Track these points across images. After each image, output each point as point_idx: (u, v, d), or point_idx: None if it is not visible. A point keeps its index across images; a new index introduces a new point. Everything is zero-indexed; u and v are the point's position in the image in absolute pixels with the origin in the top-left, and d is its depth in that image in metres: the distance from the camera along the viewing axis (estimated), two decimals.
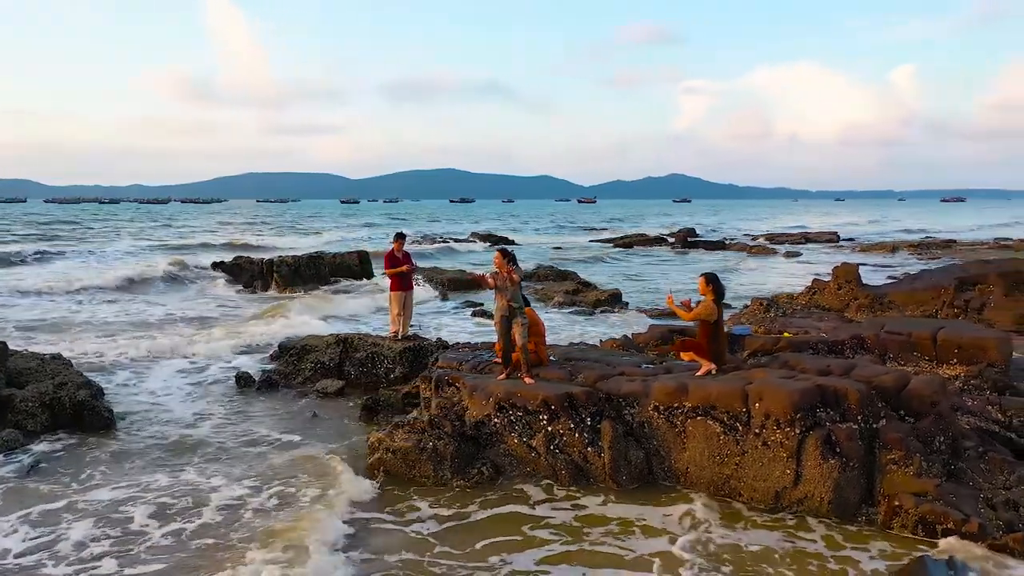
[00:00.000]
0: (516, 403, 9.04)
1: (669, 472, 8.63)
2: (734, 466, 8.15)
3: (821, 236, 57.43)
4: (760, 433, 7.95)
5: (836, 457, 7.63)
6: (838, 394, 7.80)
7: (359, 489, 8.46)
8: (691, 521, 7.64)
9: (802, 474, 7.77)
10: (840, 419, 7.76)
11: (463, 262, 37.51)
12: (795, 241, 54.68)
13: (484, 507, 8.11)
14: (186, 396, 12.59)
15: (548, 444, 8.82)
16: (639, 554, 6.98)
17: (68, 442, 10.24)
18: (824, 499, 7.69)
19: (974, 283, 17.40)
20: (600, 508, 8.02)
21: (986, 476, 7.79)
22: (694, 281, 10.43)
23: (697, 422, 8.34)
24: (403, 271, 13.08)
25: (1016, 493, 7.55)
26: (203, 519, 7.72)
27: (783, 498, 7.93)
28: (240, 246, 46.10)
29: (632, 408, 8.81)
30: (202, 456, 9.69)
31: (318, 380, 13.36)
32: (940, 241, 49.64)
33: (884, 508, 7.53)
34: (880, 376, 8.19)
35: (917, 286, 18.09)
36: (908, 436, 7.66)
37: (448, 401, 9.78)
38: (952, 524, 7.09)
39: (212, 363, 14.79)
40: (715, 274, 9.19)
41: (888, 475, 7.58)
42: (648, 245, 50.59)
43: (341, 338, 13.83)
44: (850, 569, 6.73)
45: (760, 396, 7.94)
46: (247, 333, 17.48)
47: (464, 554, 7.04)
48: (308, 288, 26.64)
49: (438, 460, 8.97)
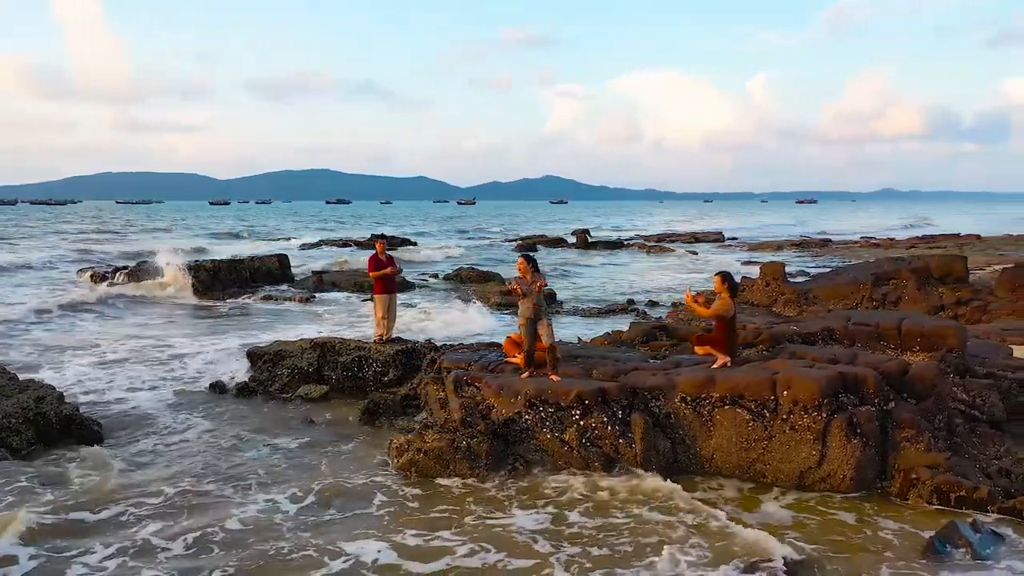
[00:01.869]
0: (547, 399, 9.37)
1: (694, 459, 9.20)
2: (760, 450, 8.80)
3: (708, 236, 60.51)
4: (788, 418, 8.64)
5: (858, 437, 8.41)
6: (857, 380, 8.60)
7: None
8: (726, 497, 8.30)
9: (827, 454, 8.51)
10: (860, 403, 8.56)
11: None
12: (685, 240, 57.36)
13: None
14: (168, 407, 12.13)
15: (580, 438, 9.20)
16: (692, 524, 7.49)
17: (71, 457, 9.71)
18: (847, 476, 8.46)
19: (888, 279, 19.09)
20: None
21: (979, 448, 8.80)
22: (615, 280, 11.06)
23: (725, 411, 8.94)
24: (387, 274, 13.09)
25: (1006, 462, 8.58)
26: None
27: (807, 477, 8.65)
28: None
29: (658, 400, 9.32)
30: (242, 468, 9.44)
31: (297, 386, 13.18)
32: (818, 240, 53.46)
33: (899, 481, 8.37)
34: (885, 363, 9.08)
35: (838, 281, 19.65)
36: (917, 416, 8.55)
37: (471, 401, 9.97)
38: (964, 492, 7.99)
39: (188, 368, 14.37)
40: (730, 273, 9.86)
41: (902, 451, 8.44)
42: (551, 246, 51.71)
43: (318, 343, 13.66)
44: (880, 534, 7.48)
45: (788, 384, 8.63)
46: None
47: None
48: (229, 294, 25.79)
49: (473, 457, 9.18)
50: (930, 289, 18.18)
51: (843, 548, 7.20)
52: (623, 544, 7.30)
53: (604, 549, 7.20)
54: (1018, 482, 8.24)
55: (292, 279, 28.88)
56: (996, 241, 46.67)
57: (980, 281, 20.61)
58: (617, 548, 7.22)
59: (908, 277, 18.60)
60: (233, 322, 20.57)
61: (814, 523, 7.80)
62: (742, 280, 21.50)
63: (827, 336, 11.98)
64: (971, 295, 17.82)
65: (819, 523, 7.80)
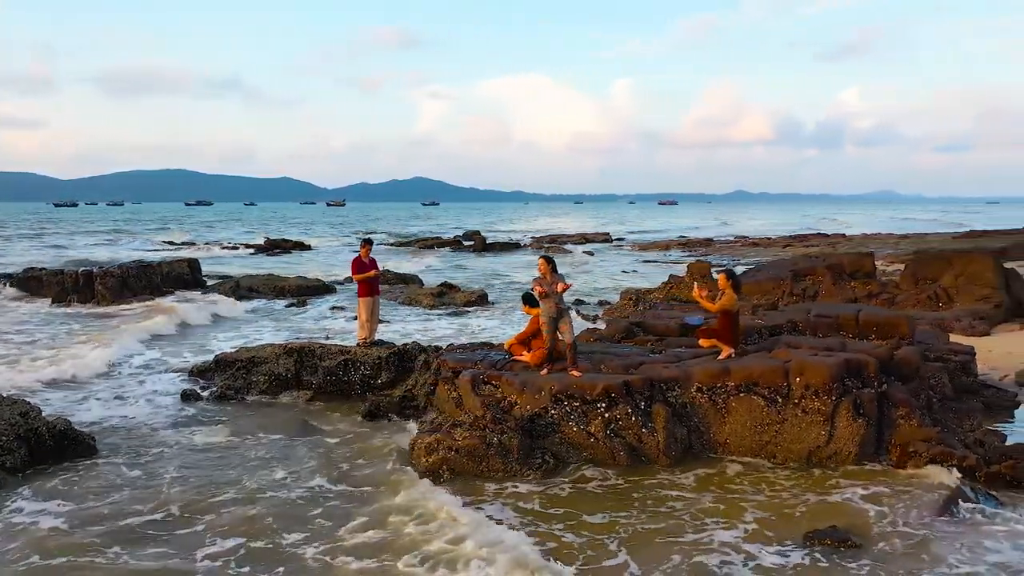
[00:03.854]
0: (573, 394, 9.79)
1: (708, 444, 9.88)
2: (773, 433, 9.58)
3: (597, 236, 62.51)
4: (799, 403, 9.46)
5: (862, 417, 9.33)
6: (860, 365, 9.53)
7: None
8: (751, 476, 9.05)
9: (834, 434, 9.38)
10: (862, 385, 9.50)
11: (276, 268, 36.19)
12: (576, 241, 59.01)
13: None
14: (150, 414, 11.66)
15: (605, 429, 9.68)
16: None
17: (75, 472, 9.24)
18: (851, 453, 9.36)
19: (806, 275, 20.70)
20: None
21: (956, 422, 9.94)
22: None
23: (740, 399, 9.67)
24: (371, 276, 13.09)
25: (979, 434, 9.75)
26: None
27: (815, 455, 9.49)
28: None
29: (673, 391, 9.94)
30: (263, 474, 9.28)
31: (276, 392, 12.98)
32: (701, 239, 56.45)
33: (897, 454, 9.34)
34: (875, 350, 10.08)
35: (760, 278, 21.12)
36: (909, 396, 9.58)
37: (490, 398, 10.23)
38: (955, 460, 9.03)
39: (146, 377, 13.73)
40: (733, 271, 10.62)
41: (898, 428, 9.43)
42: (447, 247, 51.95)
43: (294, 348, 13.45)
44: (886, 499, 8.37)
45: (801, 371, 9.45)
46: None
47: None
48: (140, 299, 24.57)
49: (504, 453, 9.46)
50: (843, 284, 19.88)
51: (867, 517, 8.03)
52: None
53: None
54: (991, 451, 9.40)
55: (203, 284, 27.82)
56: (859, 240, 50.92)
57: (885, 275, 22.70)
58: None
59: (824, 273, 20.26)
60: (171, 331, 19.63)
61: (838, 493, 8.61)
62: (670, 278, 22.68)
63: (791, 328, 12.98)
64: (879, 288, 19.65)
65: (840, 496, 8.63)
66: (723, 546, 7.32)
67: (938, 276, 18.98)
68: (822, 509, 8.16)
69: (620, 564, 6.99)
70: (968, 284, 18.12)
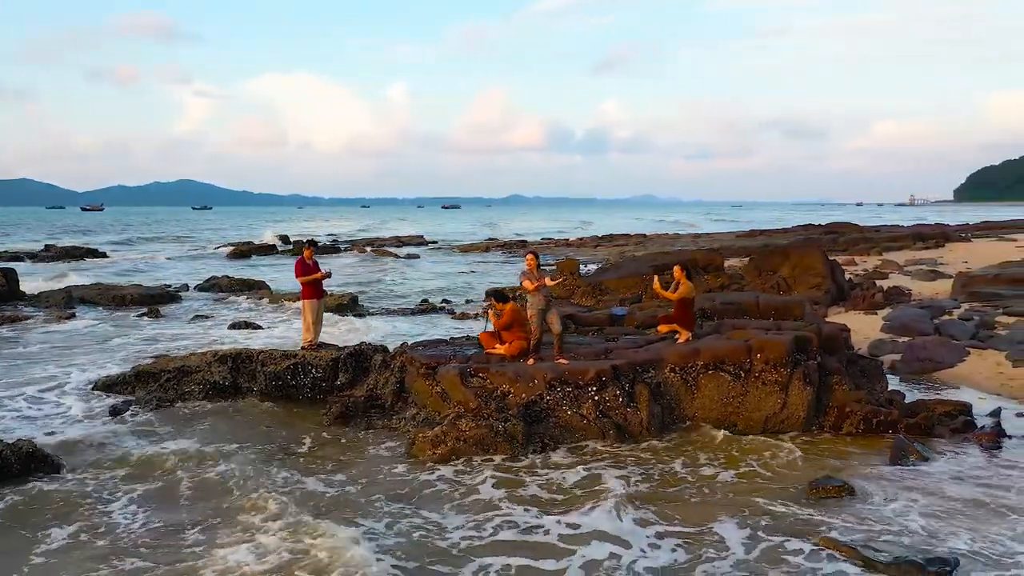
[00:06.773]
0: (567, 380, 10.50)
1: (679, 418, 10.99)
2: (736, 404, 10.88)
3: (412, 239, 62.87)
4: (760, 375, 10.82)
5: (810, 385, 10.88)
6: (806, 341, 11.08)
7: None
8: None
9: (787, 401, 10.84)
10: (807, 358, 11.05)
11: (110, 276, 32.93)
12: (393, 244, 59.01)
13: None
14: (93, 429, 10.72)
15: (596, 410, 10.47)
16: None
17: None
18: (800, 417, 10.87)
19: (663, 270, 22.72)
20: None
21: (870, 384, 11.82)
22: (384, 283, 12.63)
23: (709, 375, 10.87)
24: (317, 278, 12.85)
25: (888, 394, 11.70)
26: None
27: (770, 422, 10.90)
28: None
29: (648, 372, 10.95)
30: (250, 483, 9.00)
31: (215, 400, 12.40)
32: (517, 241, 58.74)
33: (834, 415, 10.98)
34: (807, 327, 11.73)
35: (623, 274, 22.91)
36: (839, 364, 11.29)
37: (482, 390, 10.65)
38: (882, 416, 10.83)
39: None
40: (686, 264, 11.87)
41: (834, 392, 11.08)
42: (264, 253, 49.95)
43: (228, 355, 12.89)
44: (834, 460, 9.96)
45: (761, 348, 10.82)
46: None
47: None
48: None
49: (510, 439, 9.96)
50: (698, 277, 22.10)
51: (832, 468, 9.50)
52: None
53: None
54: (901, 406, 11.34)
55: (22, 296, 24.96)
56: (659, 239, 55.67)
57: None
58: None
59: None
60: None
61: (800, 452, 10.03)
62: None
63: (702, 315, 14.55)
64: (729, 280, 22.11)
65: (806, 452, 10.06)
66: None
67: (778, 267, 21.75)
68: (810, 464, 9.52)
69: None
70: (803, 274, 20.97)
